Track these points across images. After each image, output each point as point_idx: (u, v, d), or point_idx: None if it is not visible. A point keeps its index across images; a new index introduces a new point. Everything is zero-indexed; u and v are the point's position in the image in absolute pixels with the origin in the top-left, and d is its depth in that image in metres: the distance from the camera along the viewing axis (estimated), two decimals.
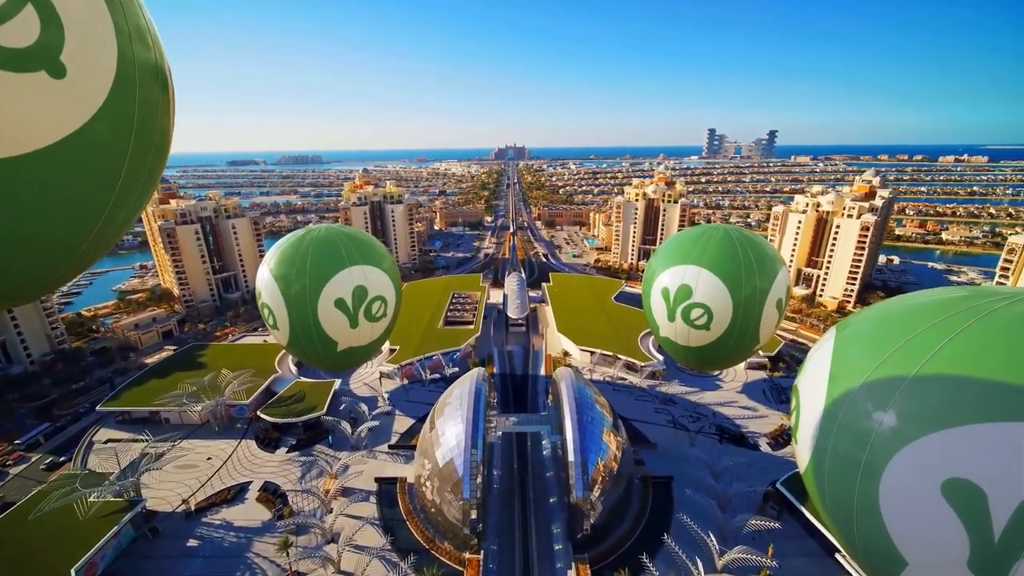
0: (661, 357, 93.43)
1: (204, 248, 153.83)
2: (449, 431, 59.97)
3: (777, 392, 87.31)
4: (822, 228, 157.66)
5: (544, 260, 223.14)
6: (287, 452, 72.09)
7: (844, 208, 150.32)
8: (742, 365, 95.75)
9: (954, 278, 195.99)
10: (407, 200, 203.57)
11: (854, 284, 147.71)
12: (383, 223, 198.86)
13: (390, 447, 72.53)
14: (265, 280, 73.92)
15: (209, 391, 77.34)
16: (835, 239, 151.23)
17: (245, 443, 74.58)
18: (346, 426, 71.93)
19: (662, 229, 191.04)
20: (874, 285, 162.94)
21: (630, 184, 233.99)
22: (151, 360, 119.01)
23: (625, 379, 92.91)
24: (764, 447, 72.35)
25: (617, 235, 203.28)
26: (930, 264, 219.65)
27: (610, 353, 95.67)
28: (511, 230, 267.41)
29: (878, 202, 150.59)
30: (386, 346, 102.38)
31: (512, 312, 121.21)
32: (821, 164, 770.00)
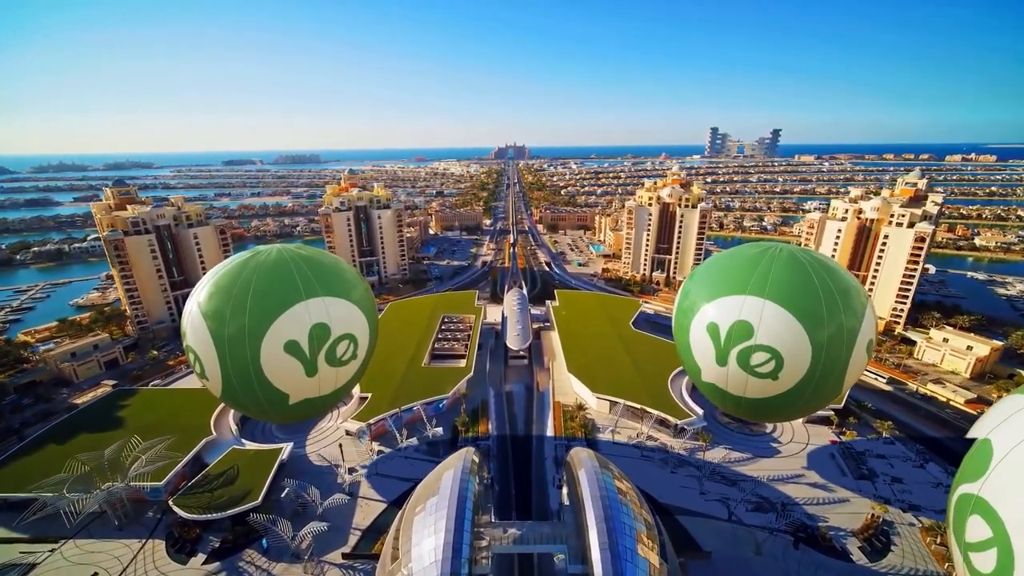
0: (701, 411, 73.94)
1: (161, 261, 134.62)
2: (421, 554, 40.91)
3: (854, 462, 67.80)
4: (865, 238, 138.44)
5: (547, 269, 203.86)
6: (204, 563, 52.71)
7: (893, 215, 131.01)
8: (800, 419, 76.59)
9: (1001, 290, 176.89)
10: (395, 205, 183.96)
11: (905, 302, 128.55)
12: (369, 231, 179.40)
13: (345, 556, 53.21)
14: (192, 317, 55.16)
15: (109, 472, 57.96)
16: (882, 250, 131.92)
17: (153, 544, 55.28)
18: (285, 526, 52.61)
19: (679, 237, 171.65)
20: (924, 302, 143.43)
21: (640, 186, 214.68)
22: (84, 399, 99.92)
23: (656, 439, 73.45)
24: (856, 553, 53.05)
25: (628, 243, 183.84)
26: (969, 274, 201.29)
27: (637, 405, 76.08)
28: (511, 237, 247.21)
29: (931, 208, 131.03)
30: (357, 389, 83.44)
31: (512, 342, 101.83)
32: (826, 164, 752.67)
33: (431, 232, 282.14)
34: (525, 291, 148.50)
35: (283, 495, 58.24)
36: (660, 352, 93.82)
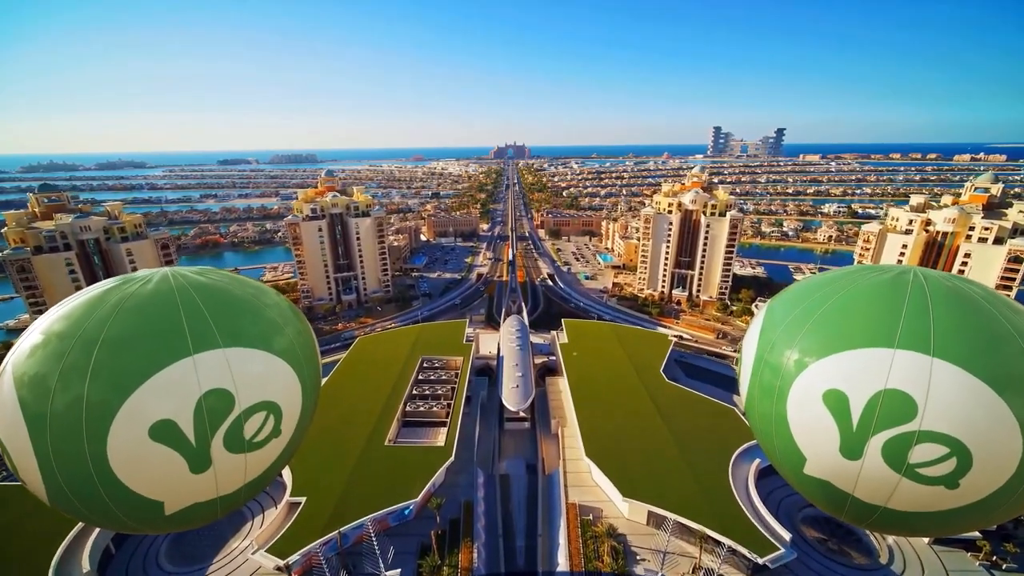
0: (789, 536, 50.16)
1: (84, 285, 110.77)
2: None
3: None
4: (935, 254, 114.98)
5: (550, 284, 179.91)
6: None
7: (973, 228, 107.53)
8: (924, 539, 52.95)
9: None
10: (376, 212, 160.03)
11: None
12: (346, 242, 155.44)
13: None
14: (1, 383, 30.23)
15: None
16: (961, 271, 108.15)
17: None
18: None
19: (704, 250, 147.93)
20: None
21: (656, 187, 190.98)
22: None
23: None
24: None
25: (644, 255, 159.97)
26: None
27: (693, 524, 52.11)
28: (511, 249, 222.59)
29: (1022, 219, 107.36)
30: (288, 477, 59.90)
31: (510, 400, 77.99)
32: (833, 164, 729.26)
33: (423, 239, 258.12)
34: (526, 316, 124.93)
35: None
36: (708, 418, 70.08)
